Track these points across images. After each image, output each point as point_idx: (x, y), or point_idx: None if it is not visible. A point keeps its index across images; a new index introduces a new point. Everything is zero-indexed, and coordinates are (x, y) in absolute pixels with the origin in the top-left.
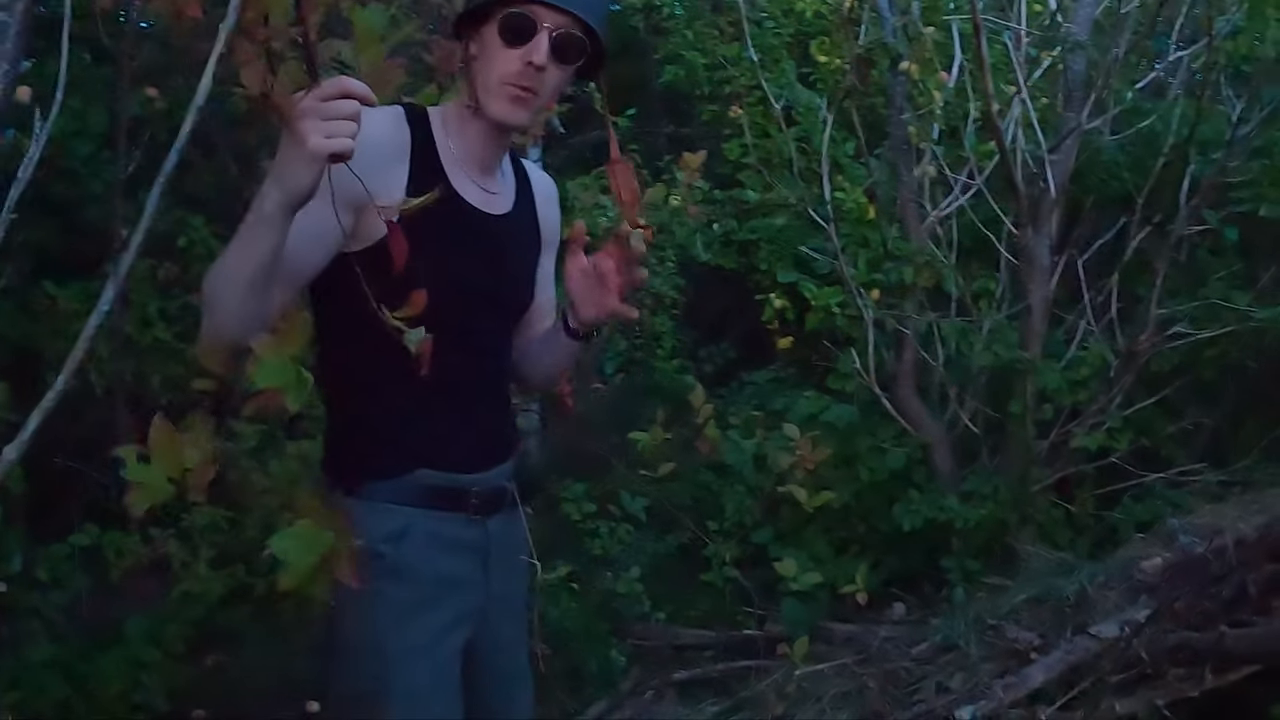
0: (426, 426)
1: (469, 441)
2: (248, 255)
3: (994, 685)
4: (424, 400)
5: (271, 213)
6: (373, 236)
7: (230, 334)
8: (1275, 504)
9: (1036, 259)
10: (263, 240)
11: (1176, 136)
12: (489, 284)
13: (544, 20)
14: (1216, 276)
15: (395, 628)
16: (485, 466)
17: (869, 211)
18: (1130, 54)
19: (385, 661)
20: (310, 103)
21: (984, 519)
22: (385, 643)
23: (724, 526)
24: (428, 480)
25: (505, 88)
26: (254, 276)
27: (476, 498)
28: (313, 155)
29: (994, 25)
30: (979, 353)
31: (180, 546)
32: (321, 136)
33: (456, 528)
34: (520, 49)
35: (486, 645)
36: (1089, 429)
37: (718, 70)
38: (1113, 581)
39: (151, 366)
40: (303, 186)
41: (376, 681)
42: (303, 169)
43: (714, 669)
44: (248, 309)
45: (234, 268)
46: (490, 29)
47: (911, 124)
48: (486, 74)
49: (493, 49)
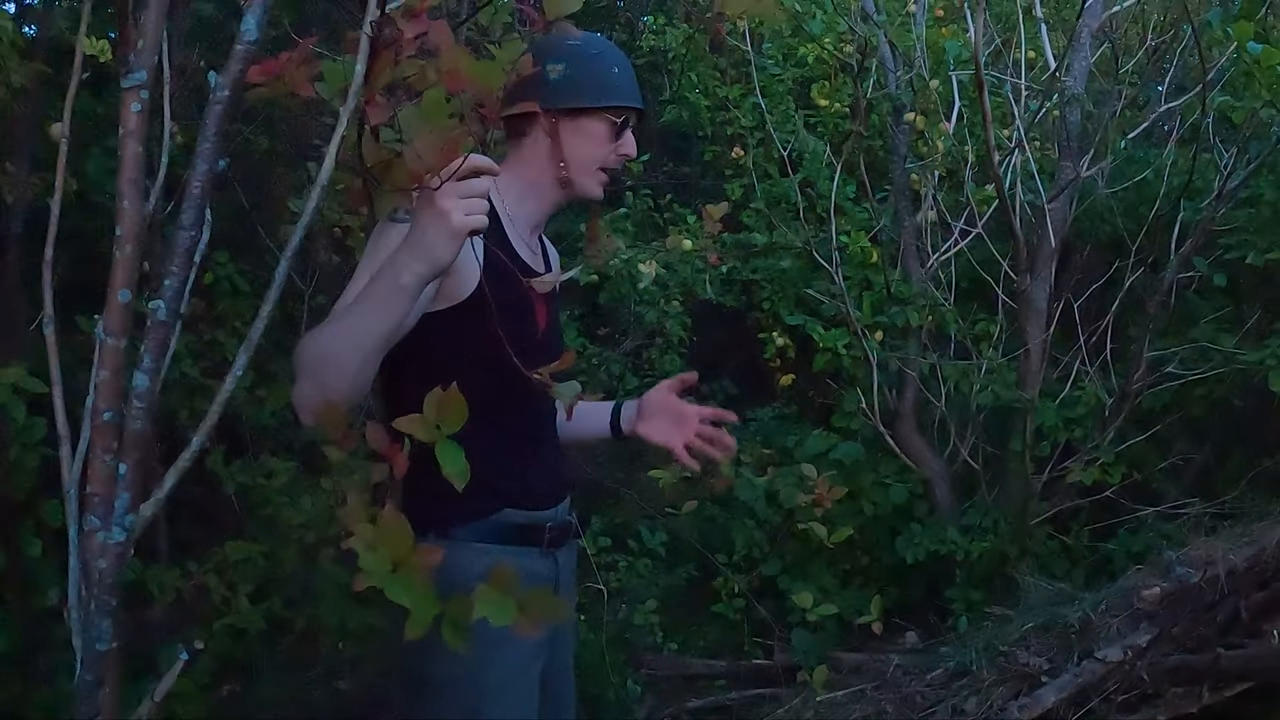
0: (510, 468)
1: (542, 480)
2: (378, 321)
3: (1009, 706)
4: (506, 444)
5: (409, 284)
6: (456, 296)
7: (341, 396)
8: (1263, 535)
9: (1034, 304)
10: (395, 309)
11: (1168, 186)
12: (545, 335)
13: (632, 120)
14: (1205, 320)
15: (488, 662)
16: (554, 503)
17: (872, 255)
18: (1125, 109)
19: (480, 694)
20: (450, 183)
21: (985, 551)
22: (479, 676)
23: (733, 560)
24: (513, 519)
25: (598, 172)
26: (380, 342)
27: (550, 532)
28: (456, 231)
29: (995, 79)
30: (979, 392)
31: (218, 581)
32: (463, 214)
33: (533, 562)
34: (616, 142)
35: (553, 669)
36: (1084, 464)
37: (720, 112)
38: (1114, 609)
39: (179, 402)
40: (444, 260)
41: (472, 713)
42: (444, 243)
43: (727, 698)
44: (365, 372)
45: (361, 333)
46: (593, 123)
47: (914, 171)
48: (584, 159)
49: (596, 141)
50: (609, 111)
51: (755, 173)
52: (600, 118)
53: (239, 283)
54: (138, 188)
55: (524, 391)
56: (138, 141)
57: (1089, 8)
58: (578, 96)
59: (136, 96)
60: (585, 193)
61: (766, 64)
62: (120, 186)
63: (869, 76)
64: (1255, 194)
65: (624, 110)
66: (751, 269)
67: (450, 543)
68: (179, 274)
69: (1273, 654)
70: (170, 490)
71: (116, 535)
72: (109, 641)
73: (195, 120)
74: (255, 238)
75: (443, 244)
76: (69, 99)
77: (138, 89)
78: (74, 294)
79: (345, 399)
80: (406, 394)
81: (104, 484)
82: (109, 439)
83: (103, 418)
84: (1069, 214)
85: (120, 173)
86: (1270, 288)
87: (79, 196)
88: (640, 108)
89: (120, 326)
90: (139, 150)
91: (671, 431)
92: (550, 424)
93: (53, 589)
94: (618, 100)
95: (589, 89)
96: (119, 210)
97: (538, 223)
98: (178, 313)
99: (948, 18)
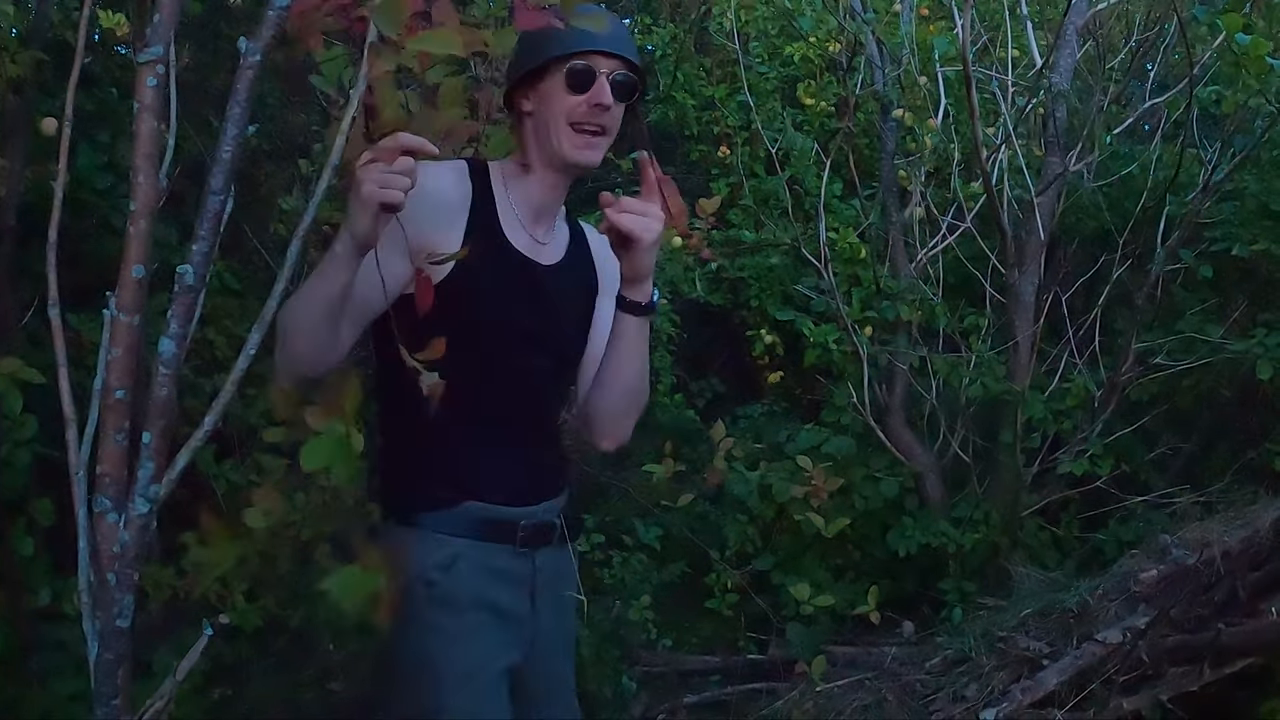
0: (475, 461)
1: (517, 476)
2: (322, 289)
3: (1012, 689)
4: (473, 436)
5: (341, 254)
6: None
7: (304, 362)
8: (1255, 518)
9: (1022, 297)
10: (335, 277)
11: (1154, 180)
12: (537, 326)
13: (601, 66)
14: (1192, 311)
15: (447, 652)
16: (533, 501)
17: (860, 251)
18: (1111, 105)
19: (439, 684)
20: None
21: (977, 543)
22: (438, 667)
23: (726, 556)
24: (476, 512)
25: (575, 131)
26: (327, 308)
27: (524, 531)
28: (364, 203)
29: (982, 75)
30: (969, 386)
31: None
32: (376, 187)
33: (504, 559)
34: (584, 94)
35: (536, 677)
36: (1074, 456)
37: (706, 111)
38: (1111, 594)
39: None
40: (360, 230)
41: (433, 702)
42: (357, 215)
43: (723, 692)
44: (320, 338)
45: (309, 299)
46: (549, 83)
47: (902, 168)
48: (553, 122)
49: (556, 99)
50: (556, 62)
51: (742, 171)
52: (553, 72)
53: (229, 280)
54: (153, 163)
55: (505, 383)
56: (154, 116)
57: (1075, 5)
58: (525, 61)
59: (153, 71)
60: (570, 159)
61: (753, 63)
62: (135, 161)
63: (856, 74)
64: (1240, 187)
65: (574, 56)
66: (739, 267)
67: (413, 530)
68: (207, 238)
69: (1273, 629)
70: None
71: (140, 507)
72: (129, 618)
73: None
74: (243, 235)
75: (356, 215)
76: (71, 83)
77: (154, 64)
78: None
79: (309, 364)
80: (384, 380)
81: (115, 464)
82: (120, 418)
83: (114, 396)
84: (1056, 209)
85: (135, 148)
86: (1255, 279)
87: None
88: (598, 49)
89: (133, 303)
90: (155, 125)
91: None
92: (542, 421)
93: (44, 589)
94: (559, 49)
95: (532, 49)
96: (134, 185)
97: (541, 207)
98: (205, 278)
99: (933, 15)
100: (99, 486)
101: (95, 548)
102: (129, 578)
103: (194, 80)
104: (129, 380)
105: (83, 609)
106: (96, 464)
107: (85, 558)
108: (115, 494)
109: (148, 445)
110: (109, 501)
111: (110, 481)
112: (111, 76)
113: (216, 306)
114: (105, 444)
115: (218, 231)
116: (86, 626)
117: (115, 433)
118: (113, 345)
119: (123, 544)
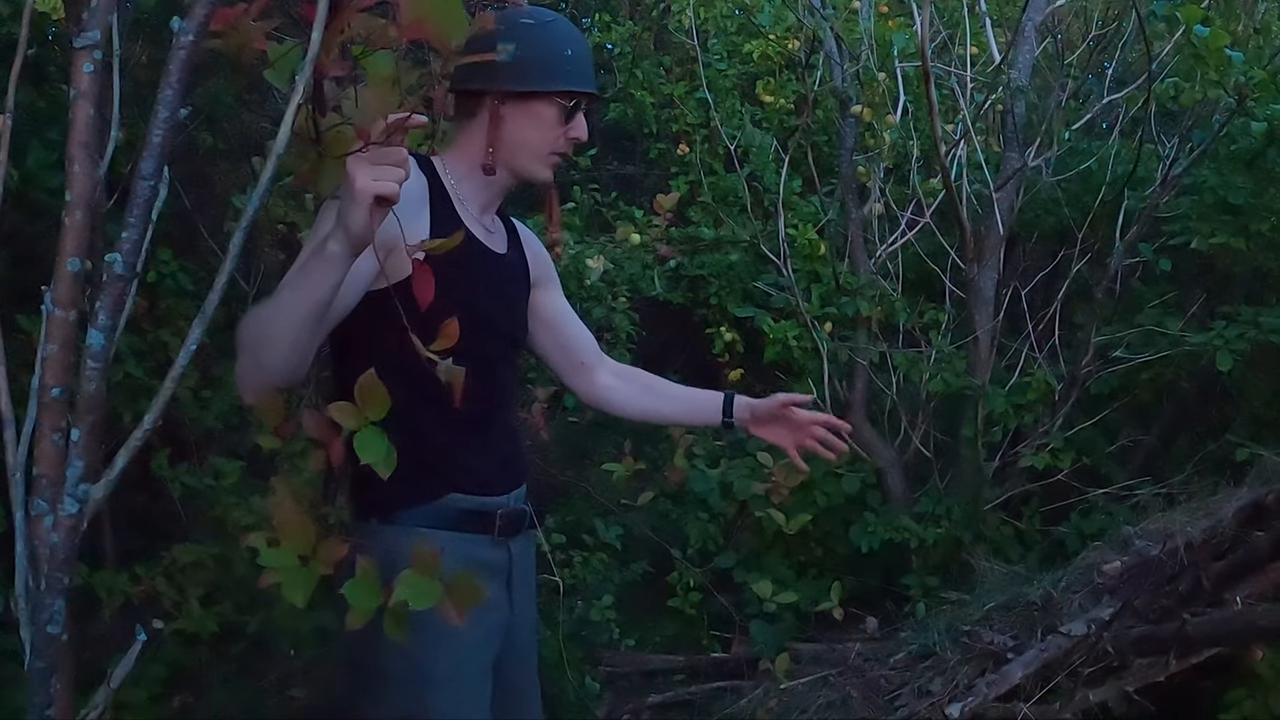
0: (454, 453)
1: (491, 465)
2: (308, 294)
3: (977, 683)
4: (451, 428)
5: (334, 253)
6: (398, 274)
7: (277, 373)
8: (1217, 509)
9: (982, 292)
10: (324, 280)
11: (1112, 175)
12: (500, 316)
13: (584, 102)
14: (1151, 305)
15: (434, 652)
16: (506, 489)
17: (820, 248)
18: (1069, 101)
19: (427, 686)
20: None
21: (940, 537)
22: (426, 668)
23: (688, 554)
24: (459, 504)
25: (550, 156)
26: (312, 314)
27: (501, 519)
28: (358, 196)
29: (940, 71)
30: (930, 381)
31: (169, 585)
32: (369, 179)
33: (484, 549)
34: (568, 126)
35: (510, 661)
36: (1035, 450)
37: (665, 109)
38: (1074, 586)
39: (123, 404)
40: (355, 227)
41: (420, 704)
42: (351, 209)
43: (687, 692)
44: (299, 348)
45: (291, 307)
46: (542, 108)
47: (861, 164)
48: (534, 144)
49: (545, 126)
50: (559, 96)
51: (701, 169)
52: (550, 102)
53: (183, 281)
54: (89, 151)
55: (474, 374)
56: (90, 104)
57: (1033, 2)
58: (527, 80)
59: (89, 56)
60: (535, 177)
61: (712, 60)
62: (70, 150)
63: (815, 71)
64: (1198, 181)
65: (575, 94)
66: (699, 264)
67: (395, 527)
68: (137, 226)
69: (1238, 619)
70: (121, 470)
71: (69, 507)
72: (61, 625)
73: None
74: (199, 236)
75: (350, 210)
76: (14, 74)
77: (90, 49)
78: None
79: (282, 376)
80: (355, 377)
81: (52, 464)
82: (57, 417)
83: (50, 394)
84: (1015, 204)
85: (70, 136)
86: (1213, 273)
87: (18, 195)
88: (593, 91)
89: (69, 298)
90: (91, 113)
91: (785, 435)
92: (504, 409)
93: None
94: (569, 85)
95: (539, 72)
96: (69, 175)
97: (489, 203)
98: (134, 267)
99: (892, 12)
100: (36, 489)
101: (34, 552)
102: (59, 581)
103: (151, 77)
104: (66, 378)
105: (20, 616)
106: (33, 465)
107: (23, 562)
108: (52, 497)
109: (76, 443)
110: (45, 504)
111: (48, 483)
112: (64, 73)
113: (170, 307)
114: (42, 444)
115: (149, 219)
116: (24, 634)
117: (52, 432)
118: (49, 341)
119: (51, 546)
